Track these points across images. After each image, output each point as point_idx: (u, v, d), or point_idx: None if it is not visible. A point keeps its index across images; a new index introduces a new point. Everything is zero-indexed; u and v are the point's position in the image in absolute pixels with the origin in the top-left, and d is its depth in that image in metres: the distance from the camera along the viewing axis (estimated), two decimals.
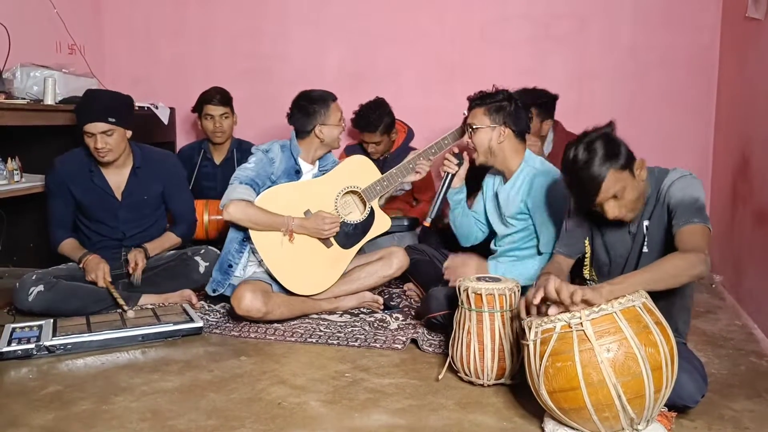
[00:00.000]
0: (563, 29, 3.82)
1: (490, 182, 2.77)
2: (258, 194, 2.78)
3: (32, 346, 2.34)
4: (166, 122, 3.89)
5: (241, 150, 3.68)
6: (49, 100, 3.17)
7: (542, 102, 3.25)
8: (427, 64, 3.98)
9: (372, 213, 2.92)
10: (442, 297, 2.47)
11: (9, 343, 2.34)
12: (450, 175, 2.70)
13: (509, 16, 3.87)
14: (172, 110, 3.99)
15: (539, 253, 2.60)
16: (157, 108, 3.85)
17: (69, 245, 2.95)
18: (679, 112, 3.71)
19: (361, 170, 2.95)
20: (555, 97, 3.32)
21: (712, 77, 3.66)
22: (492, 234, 2.80)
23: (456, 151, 2.72)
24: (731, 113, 3.37)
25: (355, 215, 2.92)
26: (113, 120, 2.80)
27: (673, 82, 3.71)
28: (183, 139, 4.18)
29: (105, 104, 2.84)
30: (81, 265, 2.86)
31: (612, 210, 1.98)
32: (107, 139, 2.81)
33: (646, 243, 2.03)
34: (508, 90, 2.65)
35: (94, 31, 4.22)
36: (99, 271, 2.79)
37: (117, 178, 2.97)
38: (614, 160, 1.93)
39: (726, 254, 3.23)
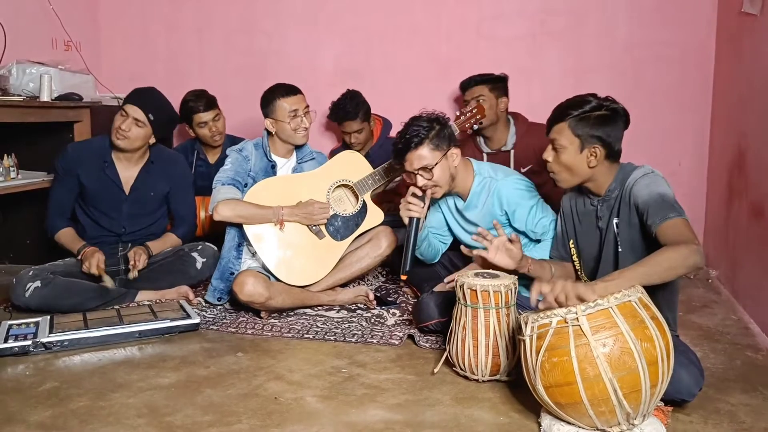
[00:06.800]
0: (559, 25, 3.81)
1: (446, 201, 2.72)
2: (242, 192, 2.79)
3: (29, 342, 2.34)
4: None
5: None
6: (45, 97, 3.17)
7: (492, 78, 3.26)
8: (422, 61, 3.97)
9: (364, 206, 2.92)
10: (433, 305, 2.44)
11: (6, 340, 2.33)
12: (417, 219, 2.45)
13: (505, 13, 3.87)
14: None
15: (538, 241, 2.52)
16: None
17: (67, 235, 2.93)
18: (675, 107, 3.72)
19: (352, 164, 2.96)
20: (505, 78, 3.32)
21: (708, 72, 3.67)
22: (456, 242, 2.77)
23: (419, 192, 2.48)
24: (727, 108, 3.37)
25: (348, 209, 2.92)
26: (151, 118, 2.86)
27: (669, 77, 3.71)
28: (177, 136, 4.17)
29: (154, 102, 2.92)
30: (79, 257, 2.84)
31: (546, 154, 2.07)
32: (133, 128, 2.85)
33: (619, 243, 2.03)
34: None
35: (91, 28, 4.21)
36: (93, 259, 2.78)
37: (128, 173, 2.97)
38: (582, 119, 1.98)
39: (722, 249, 3.23)
